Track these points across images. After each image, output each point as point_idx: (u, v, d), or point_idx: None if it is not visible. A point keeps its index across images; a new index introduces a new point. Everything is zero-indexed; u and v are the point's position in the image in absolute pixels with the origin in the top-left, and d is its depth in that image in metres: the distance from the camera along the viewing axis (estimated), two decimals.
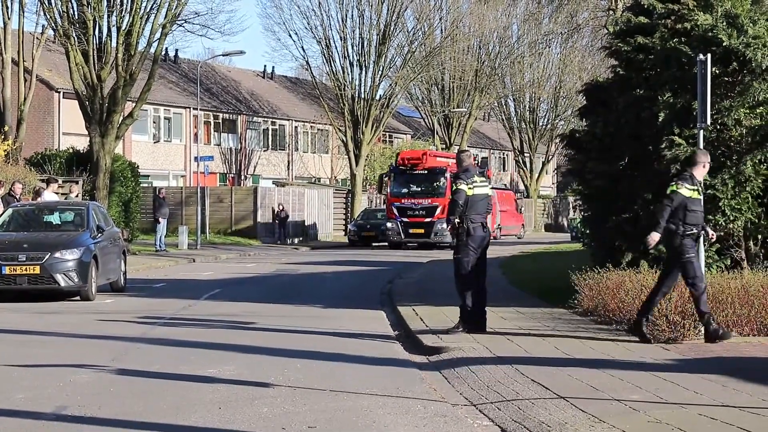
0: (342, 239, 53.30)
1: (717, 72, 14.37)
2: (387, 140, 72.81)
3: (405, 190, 43.97)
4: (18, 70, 41.26)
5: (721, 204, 14.52)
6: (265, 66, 74.37)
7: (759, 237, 15.34)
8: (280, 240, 48.64)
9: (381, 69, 55.89)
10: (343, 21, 55.89)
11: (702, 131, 12.68)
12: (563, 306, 15.55)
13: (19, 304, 18.13)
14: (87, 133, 36.23)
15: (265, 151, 64.48)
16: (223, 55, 57.50)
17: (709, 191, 14.21)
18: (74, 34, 34.80)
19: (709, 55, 12.72)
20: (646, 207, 15.55)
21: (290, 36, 58.20)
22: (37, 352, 12.20)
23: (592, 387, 9.24)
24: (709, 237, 12.34)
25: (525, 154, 77.39)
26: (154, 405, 8.87)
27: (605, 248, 16.54)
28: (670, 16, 15.81)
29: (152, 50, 37.00)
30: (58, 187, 25.30)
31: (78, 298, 18.81)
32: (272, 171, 64.60)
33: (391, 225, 43.75)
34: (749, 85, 14.78)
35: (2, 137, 32.49)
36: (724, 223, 14.56)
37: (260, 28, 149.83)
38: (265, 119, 65.28)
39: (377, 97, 56.33)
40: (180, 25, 37.30)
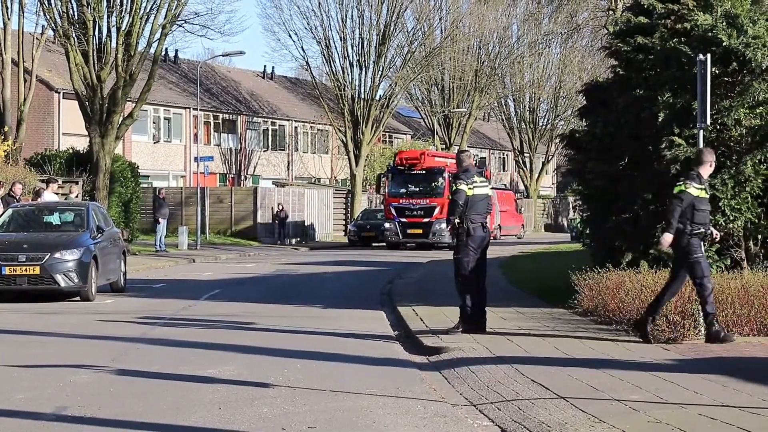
0: (342, 239, 53.29)
1: (717, 72, 14.38)
2: (387, 140, 72.80)
3: (403, 190, 43.55)
4: (18, 70, 41.23)
5: (720, 204, 14.52)
6: (265, 66, 74.53)
7: (759, 237, 15.35)
8: (279, 240, 48.63)
9: (381, 69, 55.88)
10: (342, 21, 55.92)
11: (702, 131, 12.68)
12: (563, 306, 15.54)
13: (19, 304, 18.13)
14: (87, 133, 36.24)
15: (265, 151, 64.47)
16: (223, 56, 57.59)
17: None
18: (74, 35, 34.81)
19: (709, 55, 12.72)
20: (646, 207, 15.56)
21: (290, 36, 58.30)
22: (37, 353, 12.21)
23: (592, 387, 9.24)
24: (713, 237, 12.30)
25: (525, 154, 77.36)
26: (154, 405, 8.87)
27: (605, 248, 16.54)
28: (669, 16, 15.81)
29: (152, 51, 37.01)
30: (58, 187, 25.29)
31: (78, 298, 18.81)
32: (272, 171, 64.59)
33: (389, 225, 43.34)
34: (749, 85, 14.79)
35: (2, 138, 32.45)
36: (724, 223, 14.56)
37: (260, 29, 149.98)
38: (265, 119, 65.27)
39: (377, 98, 56.31)
40: (180, 26, 37.36)
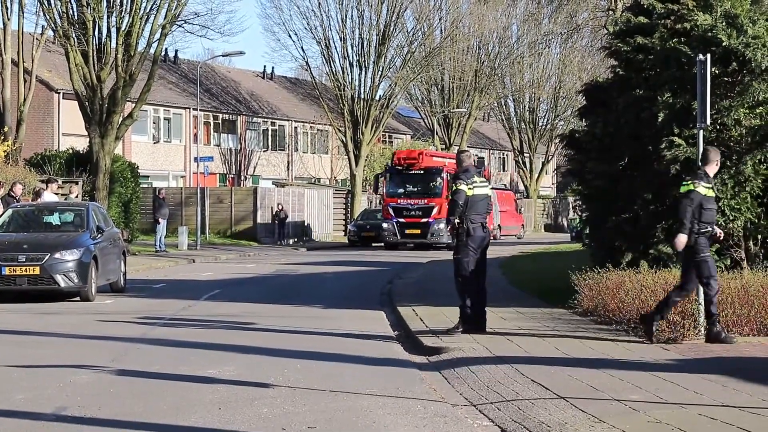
0: (342, 239, 53.29)
1: (716, 72, 14.37)
2: (387, 140, 72.81)
3: (401, 190, 43.20)
4: (18, 70, 41.22)
5: (720, 204, 14.51)
6: (265, 66, 74.57)
7: (759, 237, 15.35)
8: (279, 241, 48.61)
9: (381, 69, 55.88)
10: (342, 21, 55.91)
11: (702, 131, 12.67)
12: (563, 306, 15.54)
13: (19, 304, 18.13)
14: (87, 133, 36.23)
15: (264, 151, 64.47)
16: (223, 56, 57.65)
17: None
18: (74, 35, 34.80)
19: (709, 55, 12.70)
20: (646, 207, 15.56)
21: (290, 36, 58.24)
22: (36, 353, 12.21)
23: (592, 387, 9.24)
24: (717, 236, 12.25)
25: (525, 154, 77.36)
26: (154, 405, 8.87)
27: (605, 248, 16.54)
28: (669, 16, 15.81)
29: (152, 51, 37.00)
30: (57, 187, 25.30)
31: (78, 298, 18.81)
32: (272, 171, 64.59)
33: (387, 225, 42.98)
34: (749, 85, 14.79)
35: (2, 138, 32.46)
36: (723, 223, 14.54)
37: (260, 29, 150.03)
38: (265, 120, 65.27)
39: (377, 98, 56.30)
40: (180, 26, 37.33)
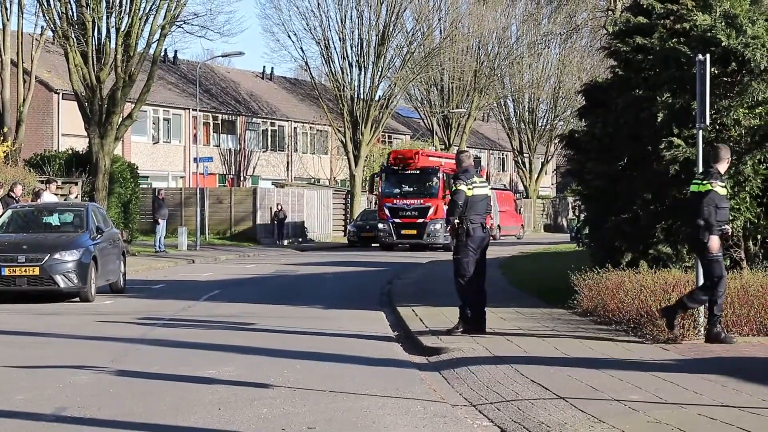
0: (341, 240, 53.29)
1: (716, 72, 14.37)
2: (386, 141, 72.82)
3: (397, 191, 42.75)
4: (17, 71, 41.22)
5: None
6: (264, 67, 74.67)
7: (758, 237, 15.35)
8: (277, 240, 48.60)
9: (380, 70, 55.87)
10: (342, 22, 55.90)
11: (701, 131, 12.67)
12: (563, 306, 15.54)
13: (19, 305, 18.13)
14: (86, 134, 36.20)
15: (264, 152, 64.46)
16: (222, 56, 57.63)
17: None
18: (73, 36, 34.77)
19: (708, 55, 12.71)
20: (646, 207, 15.56)
21: (289, 37, 58.11)
22: (36, 354, 12.21)
23: (592, 387, 9.24)
24: (728, 233, 12.19)
25: (524, 154, 77.34)
26: (154, 406, 8.87)
27: (604, 248, 16.54)
28: (669, 16, 15.81)
29: (151, 51, 36.97)
30: (57, 188, 25.31)
31: (77, 299, 18.81)
32: (271, 172, 64.58)
33: (383, 226, 42.53)
34: (748, 85, 14.79)
35: (2, 138, 32.46)
36: None
37: (259, 29, 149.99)
38: (264, 120, 65.27)
39: (376, 98, 56.28)
40: (179, 27, 37.27)
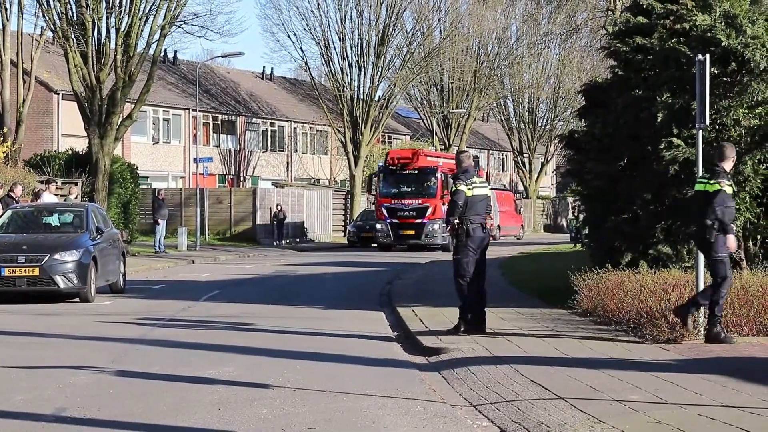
0: (341, 240, 53.28)
1: (716, 72, 14.38)
2: (386, 141, 72.80)
3: (395, 191, 42.49)
4: (17, 71, 41.22)
5: None
6: (264, 67, 74.69)
7: (758, 237, 15.35)
8: (277, 241, 48.58)
9: (380, 70, 55.86)
10: (341, 22, 55.88)
11: (701, 132, 12.67)
12: (562, 306, 15.54)
13: (19, 305, 18.13)
14: (86, 134, 36.21)
15: (264, 152, 64.44)
16: (222, 57, 57.65)
17: None
18: (73, 36, 34.76)
19: (708, 55, 12.71)
20: (646, 207, 15.56)
21: (289, 37, 58.09)
22: (36, 354, 12.21)
23: (592, 387, 9.24)
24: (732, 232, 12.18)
25: (524, 154, 77.33)
26: (154, 406, 8.87)
27: (604, 249, 16.54)
28: (668, 16, 15.81)
29: (151, 52, 36.97)
30: (57, 188, 25.31)
31: (77, 299, 18.80)
32: (271, 172, 64.57)
33: (381, 226, 42.28)
34: (748, 85, 14.80)
35: (1, 139, 32.46)
36: None
37: (259, 30, 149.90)
38: (264, 120, 65.26)
39: (376, 98, 56.27)
40: (179, 27, 37.27)
